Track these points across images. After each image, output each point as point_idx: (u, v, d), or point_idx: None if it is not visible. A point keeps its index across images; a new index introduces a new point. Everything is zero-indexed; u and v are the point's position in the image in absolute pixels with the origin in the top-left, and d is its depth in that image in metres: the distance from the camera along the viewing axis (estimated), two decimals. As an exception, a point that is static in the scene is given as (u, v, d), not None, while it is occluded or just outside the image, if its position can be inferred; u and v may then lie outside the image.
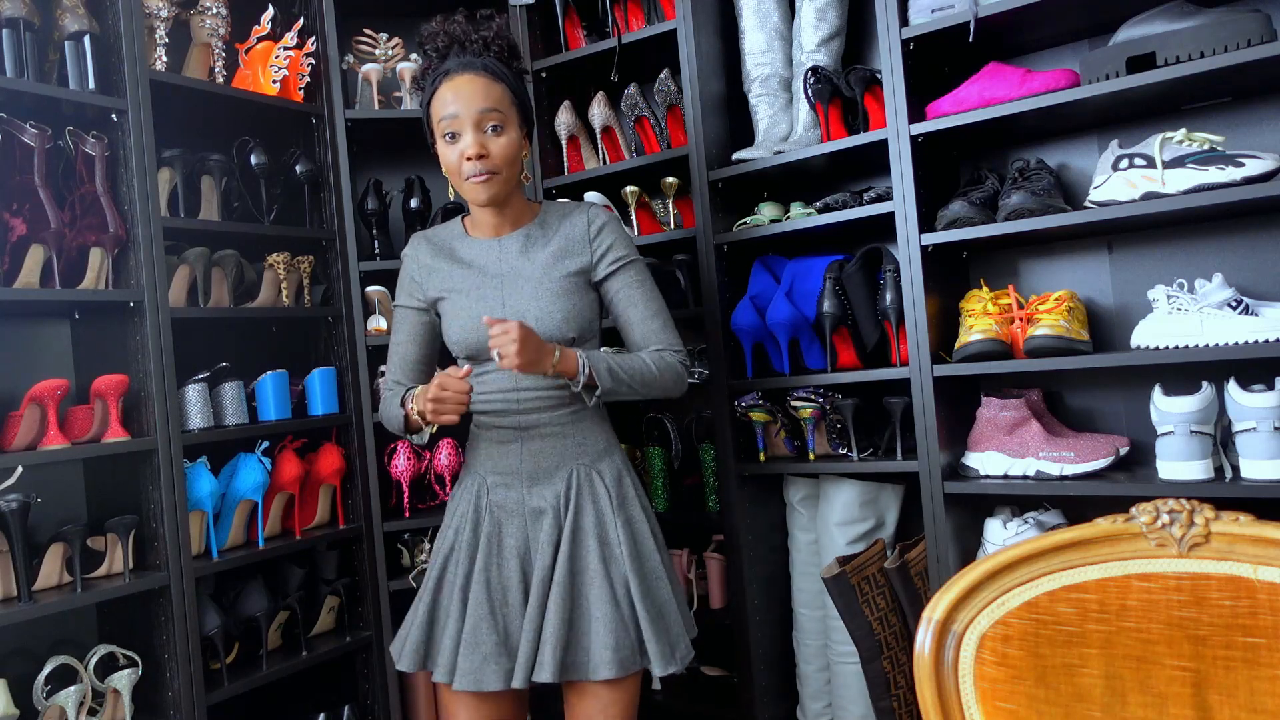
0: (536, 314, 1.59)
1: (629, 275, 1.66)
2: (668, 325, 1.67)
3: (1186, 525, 0.98)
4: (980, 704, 1.02)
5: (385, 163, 2.63)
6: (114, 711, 1.87)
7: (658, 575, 1.61)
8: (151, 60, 2.05)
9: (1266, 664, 0.94)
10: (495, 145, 1.56)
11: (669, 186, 2.35)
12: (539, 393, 1.61)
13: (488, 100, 1.55)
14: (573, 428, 1.63)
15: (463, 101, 1.55)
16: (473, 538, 1.63)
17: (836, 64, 2.14)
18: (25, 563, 1.75)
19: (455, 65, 1.57)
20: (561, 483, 1.62)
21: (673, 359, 1.64)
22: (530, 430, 1.62)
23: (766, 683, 2.22)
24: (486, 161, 1.55)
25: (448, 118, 1.56)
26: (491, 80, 1.57)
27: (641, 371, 1.59)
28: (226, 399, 2.14)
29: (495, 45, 1.61)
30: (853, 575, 1.92)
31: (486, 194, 1.58)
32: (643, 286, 1.66)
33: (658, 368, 1.61)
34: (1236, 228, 1.83)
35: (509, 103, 1.59)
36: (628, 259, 1.66)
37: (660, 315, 1.67)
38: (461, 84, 1.56)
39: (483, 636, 1.55)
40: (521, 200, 1.68)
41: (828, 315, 2.03)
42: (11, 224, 1.82)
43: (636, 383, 1.58)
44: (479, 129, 1.55)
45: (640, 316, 1.65)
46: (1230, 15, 1.59)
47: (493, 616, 1.57)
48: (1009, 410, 1.86)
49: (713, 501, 2.33)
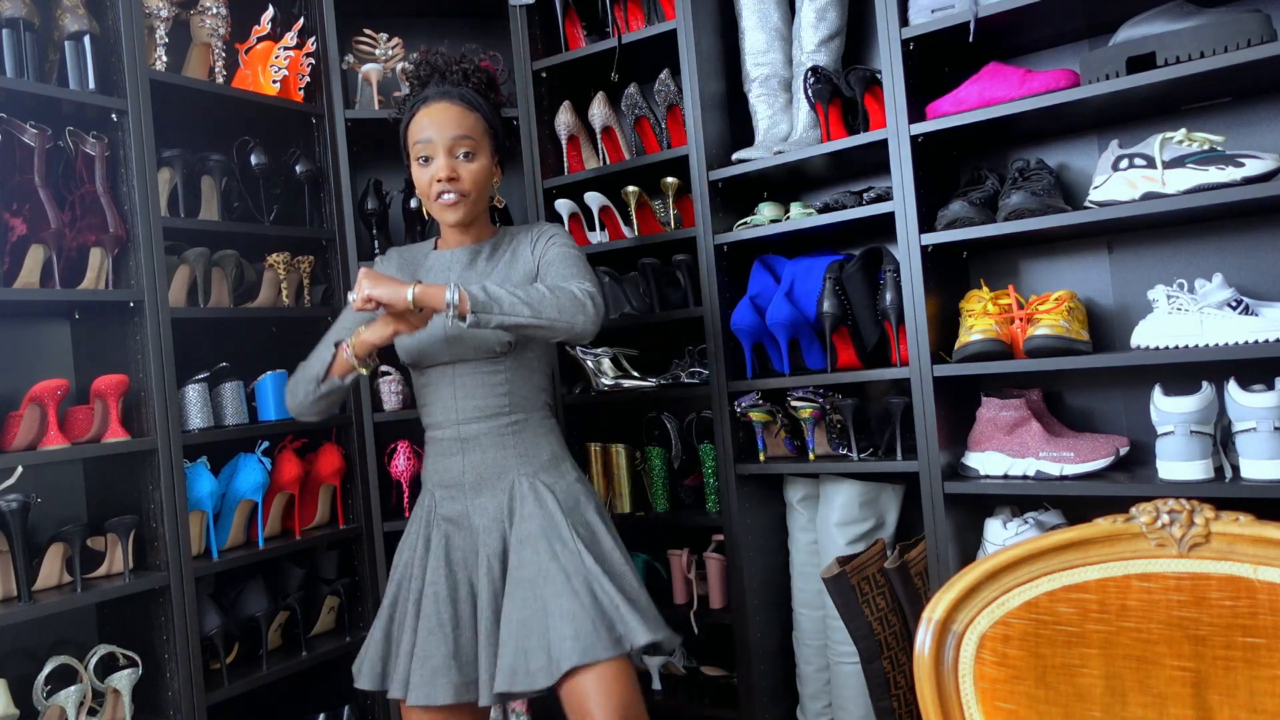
0: None
1: (555, 250, 1.67)
2: (585, 275, 1.62)
3: (1186, 525, 0.98)
4: (980, 704, 1.02)
5: (385, 163, 2.63)
6: (114, 711, 1.87)
7: (622, 570, 1.60)
8: (151, 60, 2.05)
9: (1266, 664, 0.94)
10: (465, 170, 1.63)
11: (669, 186, 2.35)
12: (476, 401, 1.63)
13: (460, 128, 1.63)
14: (514, 438, 1.64)
15: (437, 128, 1.63)
16: (424, 552, 1.65)
17: (836, 64, 2.14)
18: (25, 563, 1.75)
19: (434, 93, 1.66)
20: (504, 494, 1.63)
21: (574, 288, 1.54)
22: (470, 441, 1.64)
23: (766, 683, 2.22)
24: (456, 184, 1.63)
25: (422, 142, 1.64)
26: (466, 109, 1.65)
27: (527, 292, 1.50)
28: (226, 399, 2.14)
29: (475, 78, 1.71)
30: (853, 575, 1.92)
31: (454, 215, 1.65)
32: (564, 259, 1.64)
33: (550, 290, 1.52)
34: (1236, 228, 1.83)
35: (482, 131, 1.66)
36: (559, 242, 1.68)
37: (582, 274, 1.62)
38: (437, 111, 1.64)
39: (432, 649, 1.56)
40: (485, 223, 1.76)
41: (828, 315, 2.03)
42: (11, 224, 1.82)
43: (519, 301, 1.48)
44: (450, 154, 1.63)
45: (558, 273, 1.62)
46: (1230, 15, 1.59)
47: (442, 630, 1.57)
48: (1009, 410, 1.86)
49: (713, 501, 2.33)
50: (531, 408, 1.68)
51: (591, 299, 1.55)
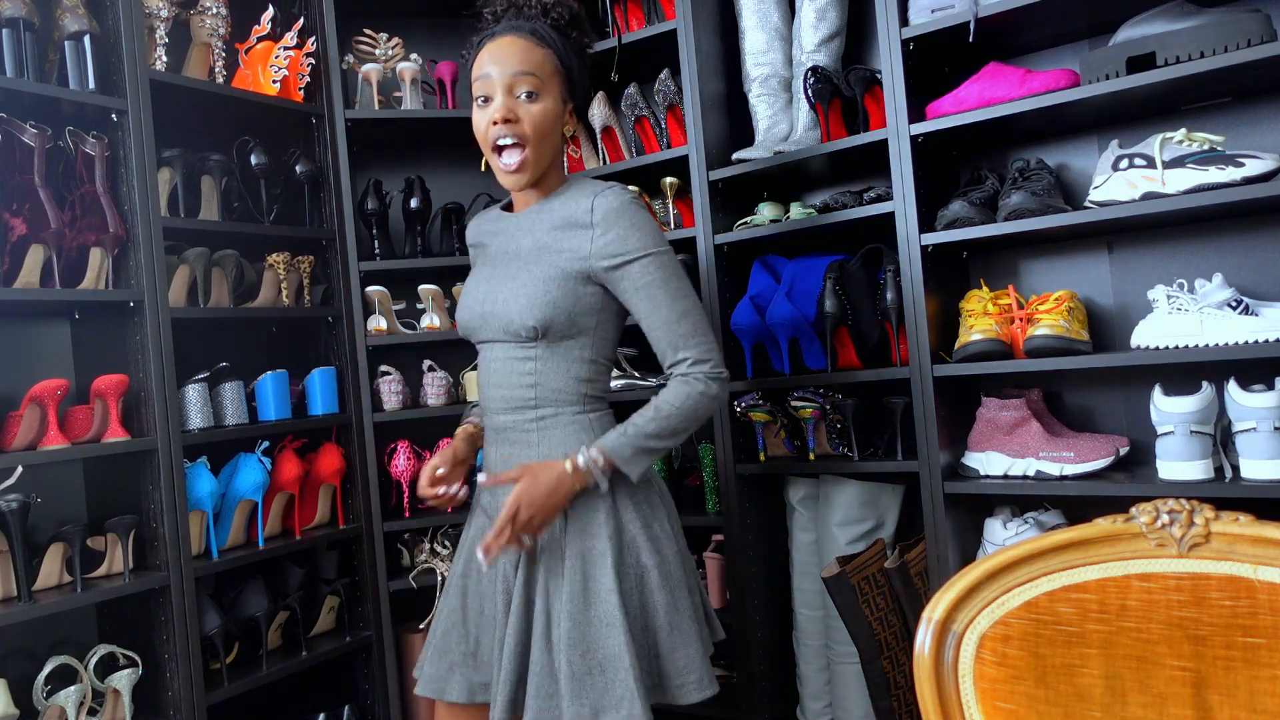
0: (505, 296, 1.44)
1: (644, 273, 1.40)
2: (698, 328, 1.41)
3: (1186, 525, 0.98)
4: (980, 704, 1.02)
5: (385, 163, 2.63)
6: (114, 711, 1.87)
7: (606, 622, 1.36)
8: (151, 60, 2.05)
9: (1266, 664, 0.94)
10: (526, 111, 1.41)
11: (669, 186, 2.35)
12: (503, 391, 1.46)
13: (524, 64, 1.41)
14: (538, 435, 1.45)
15: (497, 63, 1.41)
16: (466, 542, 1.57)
17: (836, 64, 2.14)
18: (25, 563, 1.75)
19: (503, 28, 1.45)
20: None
21: (697, 384, 1.39)
22: (500, 434, 1.49)
23: (766, 683, 2.22)
24: (513, 127, 1.40)
25: (481, 79, 1.42)
26: (534, 43, 1.43)
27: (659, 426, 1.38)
28: (226, 399, 2.14)
29: (555, 12, 1.47)
30: (853, 575, 1.92)
31: (513, 166, 1.42)
32: (665, 285, 1.40)
33: (678, 408, 1.38)
34: (1236, 228, 1.83)
35: (551, 70, 1.43)
36: (639, 252, 1.40)
37: (688, 317, 1.41)
38: (501, 45, 1.43)
39: (451, 644, 1.49)
40: (559, 177, 1.52)
41: (828, 315, 2.03)
42: (11, 224, 1.82)
43: (665, 439, 1.39)
44: (510, 93, 1.41)
45: (662, 320, 1.40)
46: (1230, 15, 1.59)
47: (464, 625, 1.49)
48: (1009, 410, 1.86)
49: (713, 501, 2.33)
50: (564, 402, 1.44)
51: (715, 382, 1.40)
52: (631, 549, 1.42)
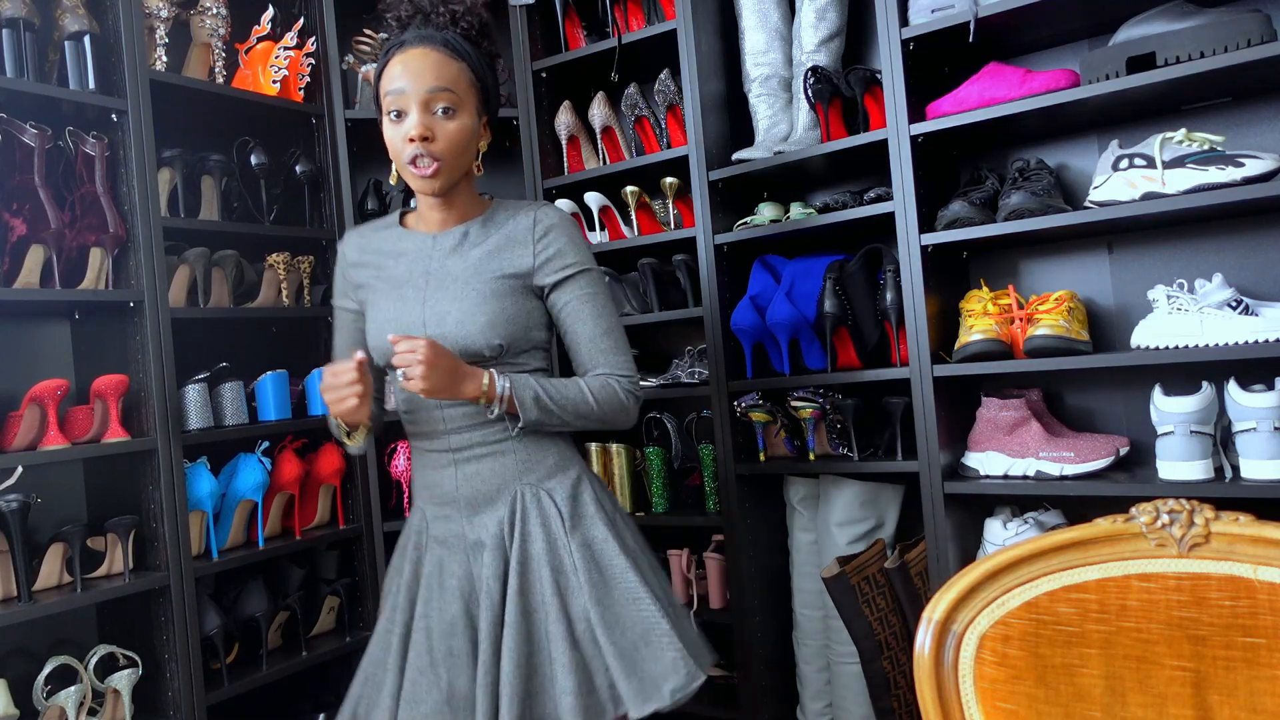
0: (458, 317, 1.40)
1: (578, 287, 1.44)
2: (619, 346, 1.46)
3: (1186, 525, 0.98)
4: (980, 704, 1.02)
5: (385, 163, 2.60)
6: (114, 711, 1.87)
7: (632, 598, 1.39)
8: (151, 60, 2.05)
9: (1266, 664, 0.94)
10: (442, 129, 1.38)
11: (669, 186, 2.35)
12: (467, 408, 1.42)
13: (440, 78, 1.37)
14: (513, 443, 1.43)
15: (411, 76, 1.36)
16: (413, 580, 1.46)
17: (836, 64, 2.14)
18: (25, 563, 1.75)
19: (412, 38, 1.40)
20: (504, 508, 1.42)
21: (617, 386, 1.44)
22: (463, 452, 1.43)
23: (766, 683, 2.22)
24: (430, 145, 1.37)
25: (393, 93, 1.38)
26: (449, 56, 1.39)
27: (576, 401, 1.41)
28: (226, 399, 2.14)
29: (464, 21, 1.43)
30: (853, 575, 1.92)
31: (429, 185, 1.40)
32: (594, 301, 1.45)
33: (597, 399, 1.42)
34: (1236, 228, 1.83)
35: (466, 84, 1.40)
36: (578, 267, 1.44)
37: (611, 334, 1.46)
38: (414, 57, 1.37)
39: (422, 694, 1.37)
40: (471, 194, 1.49)
41: (828, 315, 2.03)
42: (11, 224, 1.82)
43: (569, 413, 1.41)
44: (426, 109, 1.37)
45: (588, 334, 1.44)
46: (1230, 15, 1.59)
47: (434, 670, 1.38)
48: (1009, 410, 1.86)
49: (713, 501, 2.33)
50: None
51: (634, 396, 1.46)
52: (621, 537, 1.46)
